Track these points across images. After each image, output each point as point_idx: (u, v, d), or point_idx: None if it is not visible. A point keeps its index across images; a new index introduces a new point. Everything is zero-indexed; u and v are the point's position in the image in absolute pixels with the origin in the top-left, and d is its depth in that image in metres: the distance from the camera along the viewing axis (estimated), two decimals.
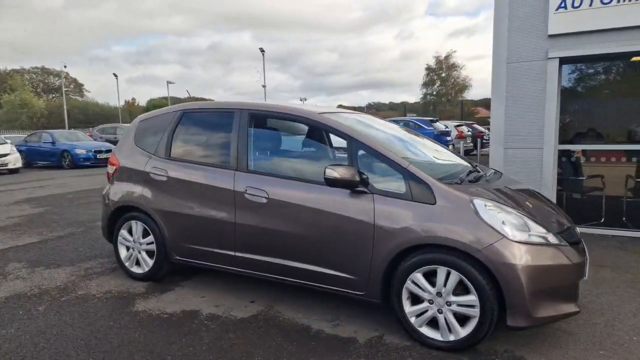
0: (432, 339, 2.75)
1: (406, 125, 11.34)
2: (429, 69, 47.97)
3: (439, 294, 2.71)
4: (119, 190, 4.00)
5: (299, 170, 3.37)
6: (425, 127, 16.39)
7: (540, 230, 2.66)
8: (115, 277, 4.10)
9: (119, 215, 4.02)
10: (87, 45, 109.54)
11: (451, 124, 19.75)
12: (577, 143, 5.67)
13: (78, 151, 15.68)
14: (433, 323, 2.77)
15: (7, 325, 3.12)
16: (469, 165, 3.66)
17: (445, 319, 2.71)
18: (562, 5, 5.16)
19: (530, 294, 2.51)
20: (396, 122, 8.49)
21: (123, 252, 4.06)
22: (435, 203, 2.72)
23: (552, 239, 2.67)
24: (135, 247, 3.95)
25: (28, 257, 4.75)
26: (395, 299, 2.85)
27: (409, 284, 2.79)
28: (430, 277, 2.74)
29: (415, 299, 2.81)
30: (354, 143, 3.04)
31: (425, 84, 48.47)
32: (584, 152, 5.66)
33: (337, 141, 3.77)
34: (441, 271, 2.68)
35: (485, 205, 2.67)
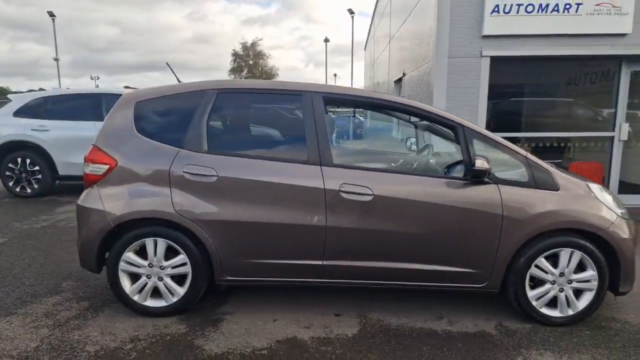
0: (551, 316, 2.92)
1: None
2: (235, 54, 47.49)
3: (561, 274, 2.88)
4: (121, 199, 2.89)
5: (399, 163, 3.06)
6: None
7: (622, 206, 3.08)
8: (113, 318, 2.99)
9: (120, 233, 2.92)
10: None
11: None
12: (499, 131, 6.62)
13: None
14: (550, 302, 2.94)
15: None
16: None
17: (566, 296, 2.90)
18: (496, 9, 5.90)
19: (632, 262, 2.91)
20: None
21: (128, 283, 2.98)
22: (558, 189, 2.86)
23: (626, 213, 3.12)
24: (153, 273, 2.95)
25: None
26: (516, 285, 2.89)
27: (533, 269, 2.87)
28: (550, 259, 2.88)
29: (535, 283, 2.92)
30: (467, 132, 2.92)
31: (233, 70, 47.97)
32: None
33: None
34: (565, 253, 2.86)
35: (600, 188, 2.94)
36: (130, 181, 2.92)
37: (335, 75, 33.81)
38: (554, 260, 2.89)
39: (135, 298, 2.99)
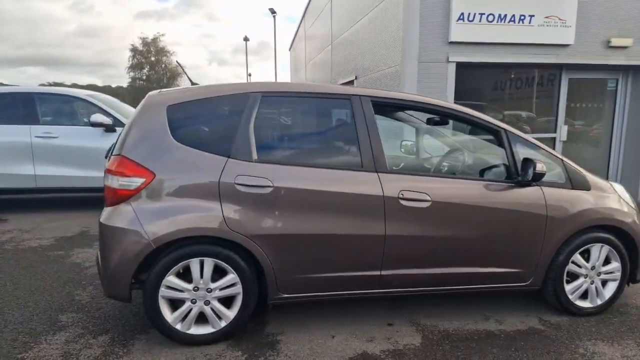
0: (584, 307, 3.16)
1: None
2: (134, 50, 44.15)
3: (592, 268, 3.12)
4: (164, 217, 2.53)
5: (452, 167, 3.06)
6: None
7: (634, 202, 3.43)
8: (152, 353, 2.63)
9: (161, 255, 2.56)
10: None
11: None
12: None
13: None
14: (581, 294, 3.17)
15: None
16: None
17: (596, 288, 3.15)
18: (461, 17, 6.23)
19: None
20: None
21: (168, 312, 2.62)
22: (590, 189, 3.09)
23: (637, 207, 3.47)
24: (199, 297, 2.63)
25: None
26: (555, 281, 3.07)
27: (570, 265, 3.08)
28: (583, 255, 3.11)
29: (571, 277, 3.13)
30: (510, 136, 3.03)
31: (133, 67, 44.63)
32: None
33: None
34: (596, 248, 3.10)
35: (621, 187, 3.23)
36: (172, 196, 2.57)
37: (249, 75, 33.12)
38: (585, 255, 3.12)
39: (178, 327, 2.64)
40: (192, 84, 3.16)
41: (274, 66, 58.08)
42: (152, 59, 44.90)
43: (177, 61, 3.55)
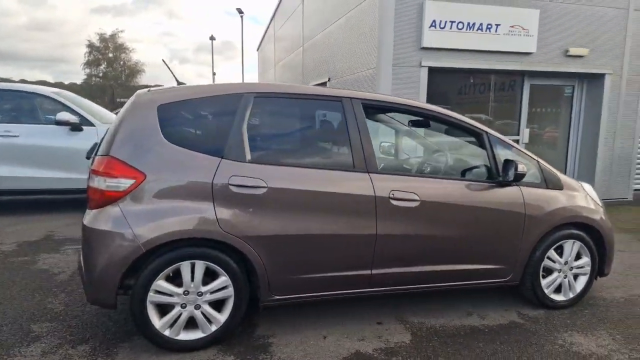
0: (558, 300, 3.33)
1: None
2: (91, 46, 41.88)
3: (566, 263, 3.30)
4: (154, 219, 2.46)
5: (441, 168, 3.15)
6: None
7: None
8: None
9: (151, 258, 2.48)
10: None
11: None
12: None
13: None
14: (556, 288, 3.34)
15: None
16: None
17: (568, 282, 3.33)
18: (433, 24, 6.41)
19: (613, 247, 3.46)
20: None
21: (156, 317, 2.54)
22: (563, 189, 3.27)
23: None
24: (189, 301, 2.57)
25: None
26: (533, 276, 3.23)
27: (546, 261, 3.24)
28: (557, 251, 3.28)
29: (546, 272, 3.29)
30: (492, 138, 3.16)
31: (89, 63, 42.25)
32: None
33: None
34: (569, 244, 3.28)
35: (589, 186, 3.43)
36: (163, 197, 2.49)
37: (214, 74, 32.53)
38: (559, 251, 3.29)
39: (166, 333, 2.56)
40: (179, 83, 3.09)
41: (241, 66, 57.55)
42: (110, 55, 43.10)
43: (163, 60, 3.44)
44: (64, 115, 5.58)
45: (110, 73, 43.28)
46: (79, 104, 6.09)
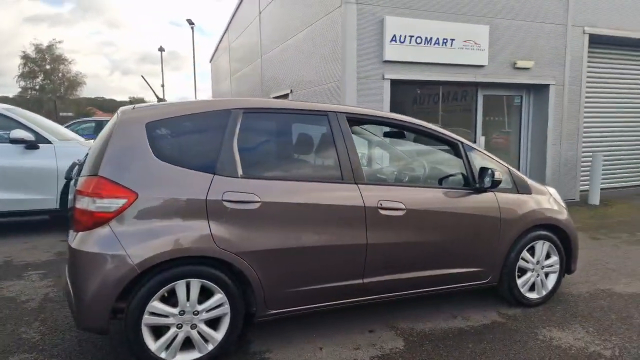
0: (532, 298, 3.54)
1: None
2: (26, 57, 39.50)
3: (538, 263, 3.53)
4: (148, 239, 2.39)
5: (420, 177, 3.27)
6: None
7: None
8: None
9: (145, 279, 2.41)
10: None
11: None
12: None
13: None
14: (530, 287, 3.55)
15: None
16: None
17: (541, 280, 3.56)
18: (394, 39, 6.67)
19: (577, 245, 3.74)
20: None
21: (151, 340, 2.47)
22: (532, 193, 3.51)
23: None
24: (185, 321, 2.51)
25: None
26: (509, 277, 3.42)
27: (520, 261, 3.45)
28: (529, 251, 3.51)
29: (520, 272, 3.50)
30: (466, 147, 3.33)
31: (24, 75, 39.85)
32: None
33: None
34: (539, 244, 3.51)
35: (554, 190, 3.69)
36: (156, 216, 2.43)
37: (162, 86, 31.60)
38: (531, 251, 3.51)
39: (163, 355, 2.48)
40: (159, 100, 3.03)
41: (193, 78, 56.57)
42: (48, 67, 40.75)
43: (142, 76, 3.35)
44: (18, 133, 5.25)
45: (47, 86, 40.92)
46: (33, 120, 5.76)
